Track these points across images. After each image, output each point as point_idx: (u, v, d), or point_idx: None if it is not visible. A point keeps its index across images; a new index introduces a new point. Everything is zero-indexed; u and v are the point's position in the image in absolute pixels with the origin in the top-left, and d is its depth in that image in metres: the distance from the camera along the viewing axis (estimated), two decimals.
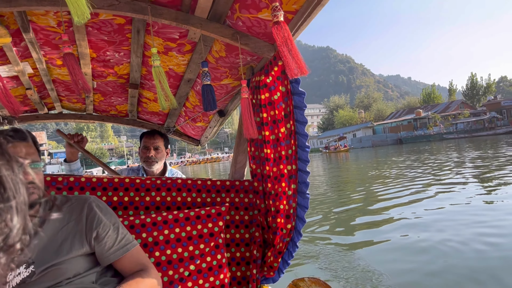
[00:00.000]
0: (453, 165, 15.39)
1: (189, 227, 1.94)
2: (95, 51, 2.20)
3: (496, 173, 11.19)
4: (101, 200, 1.57)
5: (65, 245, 1.38)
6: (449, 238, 5.39)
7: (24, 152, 1.37)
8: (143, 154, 2.90)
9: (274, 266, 2.17)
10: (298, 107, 1.86)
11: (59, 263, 1.34)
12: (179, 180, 2.16)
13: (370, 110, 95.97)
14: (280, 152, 2.00)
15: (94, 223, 1.44)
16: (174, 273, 1.85)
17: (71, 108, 3.42)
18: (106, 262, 1.46)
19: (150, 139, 2.89)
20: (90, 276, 1.41)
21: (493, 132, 50.23)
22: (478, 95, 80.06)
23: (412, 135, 62.52)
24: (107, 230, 1.46)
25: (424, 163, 17.99)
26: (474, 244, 5.04)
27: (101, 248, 1.44)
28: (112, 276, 1.51)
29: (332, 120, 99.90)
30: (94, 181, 2.00)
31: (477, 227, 5.74)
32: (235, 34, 1.86)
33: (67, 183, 1.95)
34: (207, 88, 1.99)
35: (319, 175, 19.07)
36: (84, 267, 1.41)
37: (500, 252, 4.58)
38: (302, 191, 1.98)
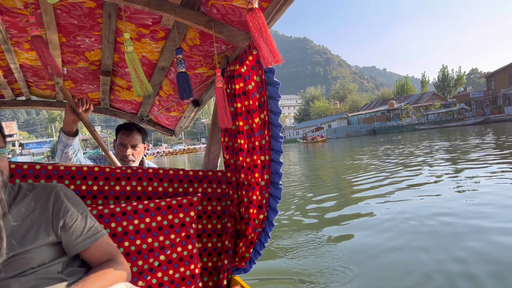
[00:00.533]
0: (422, 153, 16.13)
1: (160, 217, 1.92)
2: (65, 35, 2.12)
3: (461, 161, 11.75)
4: (68, 189, 1.54)
5: (30, 234, 1.34)
6: (410, 216, 5.91)
7: None
8: (119, 152, 2.75)
9: (246, 257, 2.17)
10: (272, 97, 1.86)
11: (24, 252, 1.31)
12: (150, 170, 2.13)
13: (345, 101, 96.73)
14: (253, 142, 1.99)
15: (61, 212, 1.41)
16: (143, 263, 1.83)
17: (40, 94, 3.32)
18: (73, 252, 1.43)
19: (127, 136, 2.74)
20: (56, 266, 1.38)
21: (462, 123, 51.69)
22: (449, 87, 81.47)
23: (385, 126, 63.70)
24: (74, 219, 1.43)
25: (395, 152, 18.70)
26: (429, 221, 5.59)
27: (68, 238, 1.41)
28: (79, 266, 1.48)
29: (308, 111, 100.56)
30: (62, 169, 1.95)
31: (435, 208, 6.27)
32: (209, 21, 1.83)
33: (33, 171, 1.90)
34: (182, 75, 1.97)
35: (295, 164, 19.52)
36: (49, 256, 1.37)
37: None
38: (275, 181, 1.98)
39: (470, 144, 18.56)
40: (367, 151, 22.15)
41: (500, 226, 4.98)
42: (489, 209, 5.78)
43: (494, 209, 5.74)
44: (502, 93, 55.31)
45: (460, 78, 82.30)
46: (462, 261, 3.96)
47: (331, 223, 6.29)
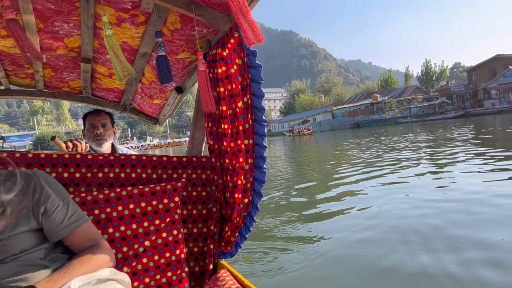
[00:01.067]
0: (402, 146, 16.56)
1: (144, 203, 1.91)
2: (42, 21, 2.07)
3: (436, 153, 11.98)
4: (49, 175, 1.53)
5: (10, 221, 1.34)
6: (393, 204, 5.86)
7: None
8: (90, 134, 2.80)
9: (232, 241, 2.18)
10: (254, 81, 1.85)
11: (4, 239, 1.29)
12: (133, 156, 2.11)
13: (330, 94, 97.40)
14: (237, 127, 1.99)
15: (42, 198, 1.40)
16: (128, 250, 1.82)
17: (20, 84, 3.25)
18: (55, 238, 1.42)
19: (96, 116, 2.82)
20: (37, 253, 1.37)
21: (443, 117, 52.76)
22: (431, 81, 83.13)
23: (368, 119, 64.46)
24: (56, 205, 1.42)
25: (377, 144, 19.22)
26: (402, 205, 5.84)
27: (50, 224, 1.40)
28: (62, 253, 1.47)
29: (293, 105, 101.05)
30: (43, 157, 1.94)
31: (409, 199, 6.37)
32: (189, 4, 1.81)
33: (13, 158, 1.90)
34: (162, 59, 1.95)
35: (282, 156, 19.75)
36: (31, 243, 1.36)
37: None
38: (259, 165, 1.98)
39: (447, 136, 19.14)
40: (352, 144, 22.45)
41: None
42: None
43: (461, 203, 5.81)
44: (482, 87, 56.60)
45: (443, 72, 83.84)
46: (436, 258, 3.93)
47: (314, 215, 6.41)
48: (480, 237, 4.23)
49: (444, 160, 10.39)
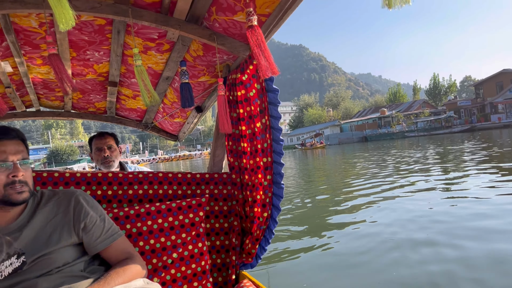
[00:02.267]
0: (411, 160, 16.38)
1: (171, 217, 2.00)
2: (75, 50, 2.23)
3: (445, 165, 12.22)
4: (87, 194, 1.63)
5: (54, 236, 1.43)
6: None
7: (13, 150, 1.40)
8: (98, 157, 2.90)
9: (252, 253, 2.27)
10: (272, 103, 1.96)
11: (49, 253, 1.40)
12: (160, 174, 2.22)
13: (338, 108, 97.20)
14: (256, 145, 2.09)
15: (82, 215, 1.50)
16: (157, 261, 1.92)
17: (49, 105, 3.43)
18: (94, 251, 1.52)
19: (101, 139, 2.93)
20: (78, 265, 1.47)
21: (449, 131, 52.60)
22: (440, 95, 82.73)
23: (376, 133, 64.34)
24: (94, 221, 1.53)
25: (387, 158, 19.12)
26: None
27: (89, 238, 1.50)
28: (99, 265, 1.57)
29: (301, 118, 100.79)
30: (78, 176, 2.04)
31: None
32: (212, 34, 1.94)
33: (52, 178, 1.99)
34: (185, 86, 2.09)
35: (291, 168, 19.61)
36: (72, 256, 1.46)
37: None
38: (277, 181, 2.08)
39: (454, 149, 19.30)
40: (368, 157, 21.96)
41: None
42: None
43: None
44: (488, 102, 56.21)
45: (451, 86, 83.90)
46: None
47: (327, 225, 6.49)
48: (489, 248, 4.27)
49: (454, 173, 10.43)
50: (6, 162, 1.36)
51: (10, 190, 1.36)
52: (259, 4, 1.71)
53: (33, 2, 1.62)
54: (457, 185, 8.58)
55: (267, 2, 1.70)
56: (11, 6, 1.61)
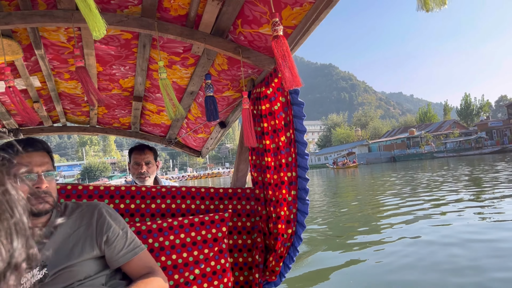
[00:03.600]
0: (442, 180, 16.11)
1: (194, 232, 1.97)
2: (102, 65, 2.26)
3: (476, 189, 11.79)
4: (110, 207, 1.62)
5: (77, 249, 1.43)
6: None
7: (39, 161, 1.41)
8: (135, 171, 2.90)
9: (276, 271, 2.20)
10: (297, 117, 1.93)
11: (71, 266, 1.39)
12: (183, 188, 2.20)
13: (367, 128, 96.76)
14: (280, 160, 2.04)
15: (104, 228, 1.50)
16: (179, 277, 1.88)
17: (75, 120, 3.47)
18: (116, 265, 1.51)
19: (140, 154, 2.91)
20: (100, 279, 1.46)
21: (479, 152, 51.48)
22: (471, 115, 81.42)
23: (404, 154, 63.52)
24: (116, 235, 1.51)
25: (422, 178, 18.78)
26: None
27: (111, 252, 1.49)
28: (120, 279, 1.55)
29: (329, 138, 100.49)
30: (102, 189, 2.04)
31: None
32: (237, 48, 1.93)
33: (76, 191, 1.98)
34: (210, 99, 2.06)
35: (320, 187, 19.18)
36: (94, 269, 1.46)
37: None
38: (302, 197, 2.02)
39: (482, 170, 18.89)
40: (403, 176, 21.30)
41: None
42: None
43: None
44: None
45: (483, 106, 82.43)
46: None
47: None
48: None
49: (486, 195, 10.15)
50: (31, 173, 1.38)
51: (34, 200, 1.36)
52: (285, 16, 1.71)
53: (62, 16, 1.65)
54: (490, 207, 8.31)
55: (293, 13, 1.70)
56: (41, 20, 1.64)
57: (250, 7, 1.73)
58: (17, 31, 1.84)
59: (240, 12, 1.78)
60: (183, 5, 1.76)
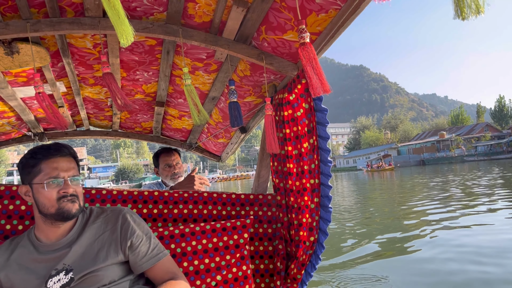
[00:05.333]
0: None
1: (216, 238, 1.97)
2: (126, 70, 2.29)
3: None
4: (134, 212, 1.62)
5: (101, 254, 1.44)
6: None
7: (65, 167, 1.43)
8: (168, 173, 2.95)
9: (298, 278, 2.17)
10: (320, 123, 1.91)
11: (96, 270, 1.40)
12: (205, 194, 2.19)
13: (396, 131, 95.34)
14: (303, 166, 2.03)
15: (128, 233, 1.50)
16: (201, 283, 1.87)
17: (98, 125, 3.52)
18: (139, 271, 1.51)
19: (170, 156, 2.99)
20: (124, 284, 1.47)
21: (511, 156, 50.62)
22: (506, 117, 79.28)
23: (434, 157, 62.60)
24: (140, 240, 1.51)
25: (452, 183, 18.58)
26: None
27: (135, 257, 1.49)
28: (144, 284, 1.57)
29: (358, 141, 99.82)
30: (125, 194, 2.06)
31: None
32: (260, 54, 1.93)
33: (100, 195, 2.01)
34: (234, 105, 2.06)
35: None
36: (118, 274, 1.47)
37: None
38: (325, 204, 2.00)
39: None
40: (442, 181, 20.57)
41: None
42: None
43: None
44: None
45: None
46: None
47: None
48: None
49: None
50: (57, 178, 1.39)
51: (63, 202, 1.39)
52: (310, 23, 1.70)
53: (90, 23, 1.67)
54: None
55: (318, 20, 1.68)
56: (69, 27, 1.66)
57: (274, 13, 1.73)
58: (45, 38, 1.88)
59: (264, 19, 1.78)
60: (207, 12, 1.77)
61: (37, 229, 1.48)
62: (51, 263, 1.40)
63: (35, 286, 1.37)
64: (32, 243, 1.46)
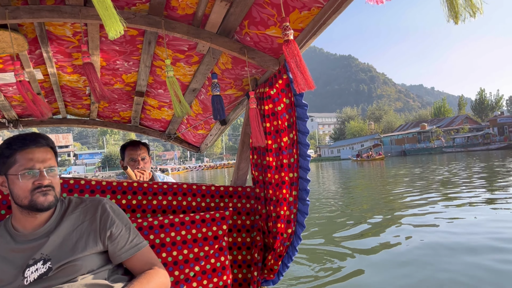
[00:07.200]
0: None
1: (195, 230, 1.98)
2: (105, 60, 2.26)
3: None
4: (113, 202, 1.62)
5: (80, 243, 1.43)
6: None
7: (41, 157, 1.40)
8: (132, 167, 2.83)
9: (274, 269, 2.20)
10: (300, 118, 1.92)
11: (75, 260, 1.40)
12: (185, 185, 2.19)
13: (380, 121, 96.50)
14: (282, 160, 2.05)
15: (108, 224, 1.50)
16: (179, 274, 1.88)
17: (75, 113, 3.45)
18: (118, 261, 1.51)
19: (136, 150, 2.86)
20: (102, 273, 1.46)
21: (486, 148, 52.19)
22: (486, 110, 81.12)
23: (415, 148, 64.01)
24: (119, 230, 1.51)
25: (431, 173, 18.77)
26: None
27: (114, 247, 1.49)
28: (122, 274, 1.56)
29: (343, 131, 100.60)
30: (104, 185, 2.04)
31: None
32: (242, 48, 1.93)
33: (78, 185, 1.99)
34: (217, 98, 2.05)
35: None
36: (97, 264, 1.46)
37: None
38: (303, 197, 2.02)
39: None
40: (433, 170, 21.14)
41: None
42: None
43: None
44: None
45: (498, 101, 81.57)
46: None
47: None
48: None
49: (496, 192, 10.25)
50: (33, 169, 1.37)
51: (36, 194, 1.37)
52: (293, 19, 1.70)
53: (70, 12, 1.63)
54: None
55: (301, 17, 1.69)
56: (49, 15, 1.62)
57: (258, 9, 1.72)
58: (23, 24, 1.82)
59: (247, 14, 1.77)
60: (191, 5, 1.75)
61: (14, 219, 1.46)
62: (28, 253, 1.38)
63: (12, 276, 1.36)
64: (9, 233, 1.44)
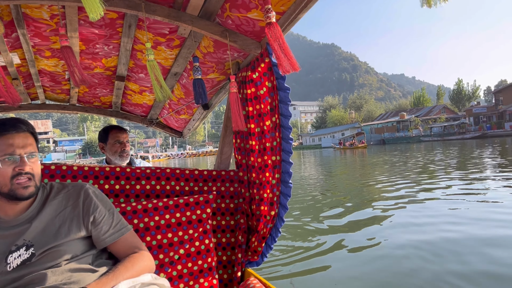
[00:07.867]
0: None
1: (179, 213, 1.98)
2: (85, 43, 2.20)
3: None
4: (96, 187, 1.60)
5: (63, 229, 1.42)
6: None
7: (21, 143, 1.36)
8: (117, 149, 2.85)
9: (258, 251, 2.23)
10: (283, 102, 1.92)
11: (58, 246, 1.38)
12: (168, 170, 2.19)
13: (361, 111, 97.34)
14: (264, 143, 2.06)
15: (91, 209, 1.49)
16: (164, 257, 1.89)
17: (55, 98, 3.38)
18: (102, 245, 1.50)
19: (122, 133, 2.88)
20: (86, 258, 1.46)
21: (461, 137, 53.47)
22: (463, 100, 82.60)
23: (394, 137, 65.12)
24: (103, 215, 1.51)
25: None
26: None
27: (98, 232, 1.49)
28: (107, 259, 1.56)
29: (325, 119, 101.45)
30: (86, 170, 2.01)
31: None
32: (224, 31, 1.90)
33: (60, 171, 1.96)
34: (198, 82, 2.04)
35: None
36: (81, 249, 1.45)
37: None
38: (285, 180, 2.03)
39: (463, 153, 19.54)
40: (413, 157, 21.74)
41: None
42: None
43: None
44: (502, 109, 56.20)
45: (475, 92, 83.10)
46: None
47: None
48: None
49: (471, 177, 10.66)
50: (13, 155, 1.34)
51: (16, 184, 1.33)
52: (274, 2, 1.68)
53: None
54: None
55: (282, 0, 1.67)
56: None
57: None
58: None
59: None
60: None
61: None
62: (10, 239, 1.36)
63: None
64: None
